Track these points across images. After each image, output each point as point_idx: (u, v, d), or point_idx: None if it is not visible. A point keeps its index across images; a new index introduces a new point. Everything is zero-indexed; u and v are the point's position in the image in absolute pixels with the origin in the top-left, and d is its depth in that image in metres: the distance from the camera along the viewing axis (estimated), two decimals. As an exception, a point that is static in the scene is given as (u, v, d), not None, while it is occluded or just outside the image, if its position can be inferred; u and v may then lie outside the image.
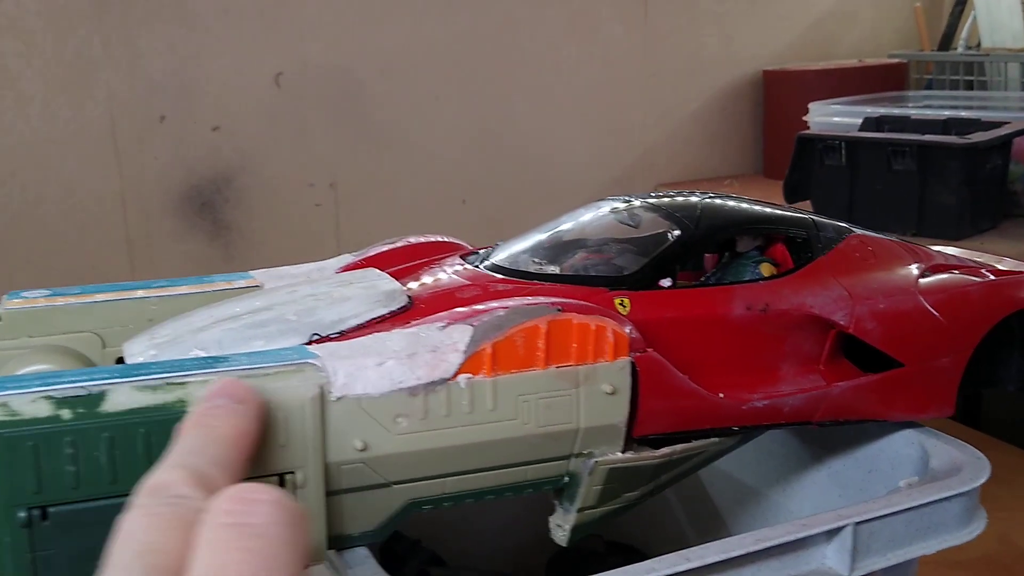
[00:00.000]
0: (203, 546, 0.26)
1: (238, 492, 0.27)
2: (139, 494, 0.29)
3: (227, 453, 0.32)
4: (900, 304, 0.50)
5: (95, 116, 1.24)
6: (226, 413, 0.33)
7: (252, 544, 0.26)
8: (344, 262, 0.54)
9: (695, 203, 0.51)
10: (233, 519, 0.27)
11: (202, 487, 0.29)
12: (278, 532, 0.26)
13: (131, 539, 0.27)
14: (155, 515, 0.28)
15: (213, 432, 0.32)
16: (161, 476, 0.29)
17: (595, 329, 0.42)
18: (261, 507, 0.27)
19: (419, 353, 0.40)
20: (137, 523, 0.27)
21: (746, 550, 0.41)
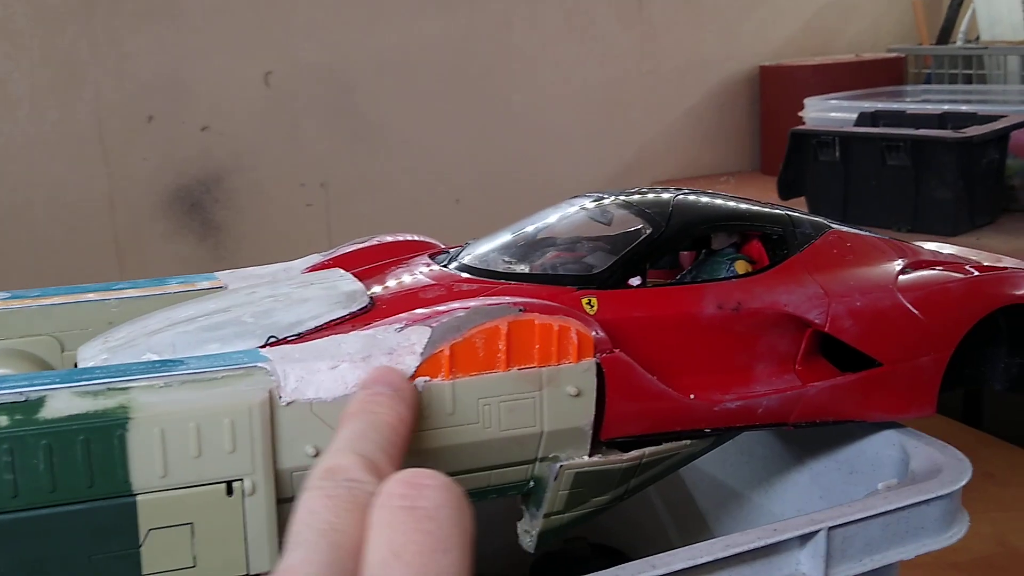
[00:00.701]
0: (379, 527, 0.28)
1: (409, 477, 0.29)
2: (315, 476, 0.31)
3: (390, 439, 0.34)
4: (878, 302, 0.48)
5: (83, 117, 1.23)
6: (387, 401, 0.35)
7: (425, 526, 0.28)
8: (312, 262, 0.53)
9: (667, 200, 0.49)
10: (406, 502, 0.28)
11: (372, 472, 0.31)
12: (448, 514, 0.28)
13: (314, 518, 0.29)
14: (334, 496, 0.29)
15: (376, 419, 0.34)
16: (336, 460, 0.31)
17: (558, 330, 0.41)
18: (431, 491, 0.29)
19: (374, 356, 0.39)
20: (318, 503, 0.29)
21: (715, 556, 0.40)
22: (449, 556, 0.28)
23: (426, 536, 0.28)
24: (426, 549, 0.27)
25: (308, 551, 0.28)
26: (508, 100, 1.49)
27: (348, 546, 0.28)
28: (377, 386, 0.36)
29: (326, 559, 0.28)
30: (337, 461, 0.31)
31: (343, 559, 0.28)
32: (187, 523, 0.36)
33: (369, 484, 0.30)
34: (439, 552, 0.27)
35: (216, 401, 0.35)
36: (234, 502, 0.36)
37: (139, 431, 0.34)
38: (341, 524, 0.29)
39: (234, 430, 0.35)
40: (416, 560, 0.27)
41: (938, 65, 1.62)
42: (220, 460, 0.35)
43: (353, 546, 0.28)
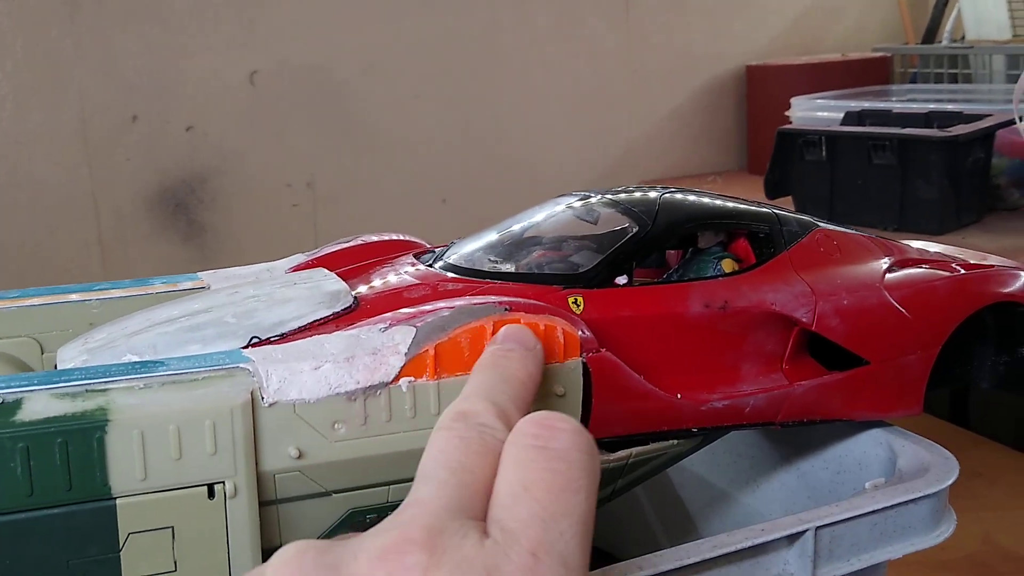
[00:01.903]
0: (510, 463, 0.29)
1: (542, 418, 0.30)
2: (447, 418, 0.32)
3: (519, 392, 0.34)
4: (864, 300, 0.48)
5: (67, 117, 1.22)
6: (518, 356, 0.36)
7: (556, 465, 0.29)
8: (296, 262, 0.53)
9: (654, 199, 0.49)
10: (539, 442, 0.29)
11: (502, 419, 0.31)
12: (578, 457, 0.29)
13: (444, 456, 0.30)
14: (465, 439, 0.30)
15: (506, 372, 0.35)
16: (469, 405, 0.32)
17: (544, 329, 0.40)
18: (563, 434, 0.29)
19: (358, 356, 0.38)
20: (449, 443, 0.30)
21: (702, 556, 0.40)
22: (577, 496, 0.28)
23: (556, 475, 0.28)
24: (555, 487, 0.28)
25: (438, 487, 0.28)
26: (495, 100, 1.49)
27: (476, 486, 0.29)
28: (509, 343, 0.37)
29: (455, 495, 0.28)
30: (470, 406, 0.32)
31: (471, 497, 0.28)
32: (168, 527, 0.35)
33: (499, 431, 0.31)
34: (568, 491, 0.28)
35: (196, 403, 0.35)
36: (216, 505, 0.35)
37: (118, 433, 0.34)
38: (471, 464, 0.29)
39: (215, 432, 0.35)
40: (545, 496, 0.28)
41: (924, 64, 1.63)
42: (201, 462, 0.35)
43: (482, 487, 0.29)
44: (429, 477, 0.29)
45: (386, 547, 0.26)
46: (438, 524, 0.27)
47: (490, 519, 0.28)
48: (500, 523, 0.28)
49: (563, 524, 0.28)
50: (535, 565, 0.26)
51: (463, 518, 0.28)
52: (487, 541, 0.27)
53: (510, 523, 0.27)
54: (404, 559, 0.26)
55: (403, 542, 0.26)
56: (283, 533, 0.38)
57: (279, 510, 0.38)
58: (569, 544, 0.27)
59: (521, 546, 0.27)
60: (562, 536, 0.27)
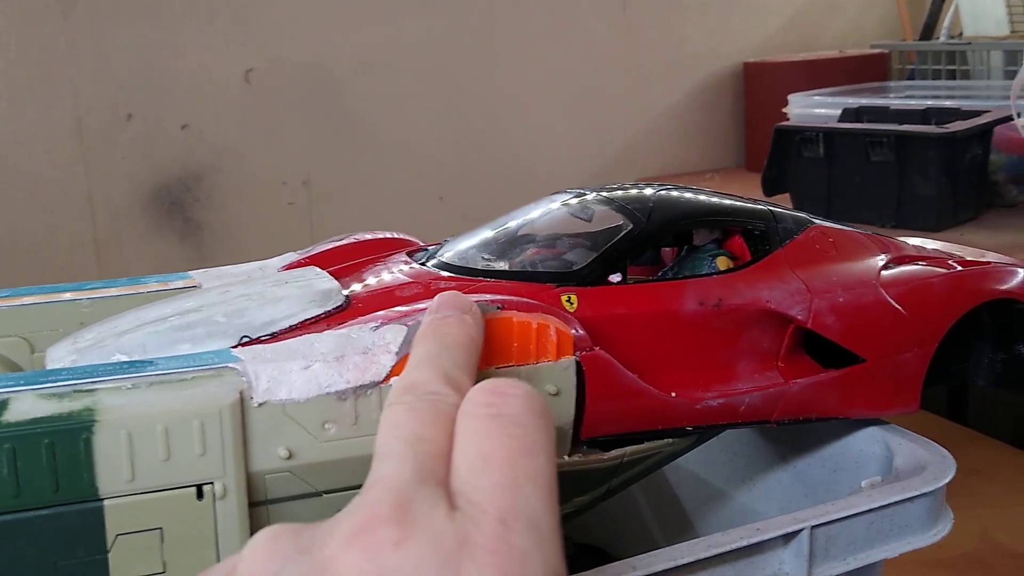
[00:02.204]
0: (466, 435, 0.29)
1: (493, 386, 0.30)
2: (395, 392, 0.32)
3: (463, 357, 0.34)
4: (860, 297, 0.48)
5: (61, 115, 1.21)
6: (455, 321, 0.36)
7: (512, 431, 0.29)
8: (288, 260, 0.52)
9: (648, 196, 0.49)
10: (492, 410, 0.29)
11: (451, 385, 0.32)
12: (533, 421, 0.29)
13: (398, 430, 0.30)
14: (417, 409, 0.30)
15: (447, 339, 0.35)
16: (413, 375, 0.32)
17: (537, 327, 0.40)
18: (515, 400, 0.30)
19: (348, 355, 0.38)
20: (401, 416, 0.30)
21: (697, 556, 0.40)
22: (536, 460, 0.28)
23: (513, 441, 0.29)
24: (513, 453, 0.28)
25: (398, 460, 0.28)
26: (492, 98, 1.49)
27: (436, 452, 0.29)
28: (444, 310, 0.37)
29: (415, 467, 0.28)
30: (416, 376, 0.32)
31: (432, 466, 0.28)
32: (156, 528, 0.35)
33: (449, 395, 0.31)
34: (526, 456, 0.28)
35: (185, 403, 0.34)
36: (204, 506, 0.35)
37: (105, 434, 0.33)
38: (427, 434, 0.29)
39: (203, 432, 0.35)
40: (504, 464, 0.28)
41: (922, 61, 1.62)
42: (189, 463, 0.35)
43: (440, 453, 0.29)
44: (387, 453, 0.29)
45: (357, 526, 0.26)
46: (405, 497, 0.27)
47: (454, 491, 0.28)
48: (464, 495, 0.28)
49: (527, 489, 0.28)
50: (505, 532, 0.27)
51: (428, 486, 0.28)
52: (456, 513, 0.27)
53: (474, 494, 0.28)
54: (376, 536, 0.26)
55: (373, 519, 0.26)
56: (274, 534, 0.38)
57: (269, 511, 0.37)
58: (536, 508, 0.28)
59: (489, 515, 0.27)
60: (527, 501, 0.28)
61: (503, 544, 0.26)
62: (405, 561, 0.25)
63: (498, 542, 0.26)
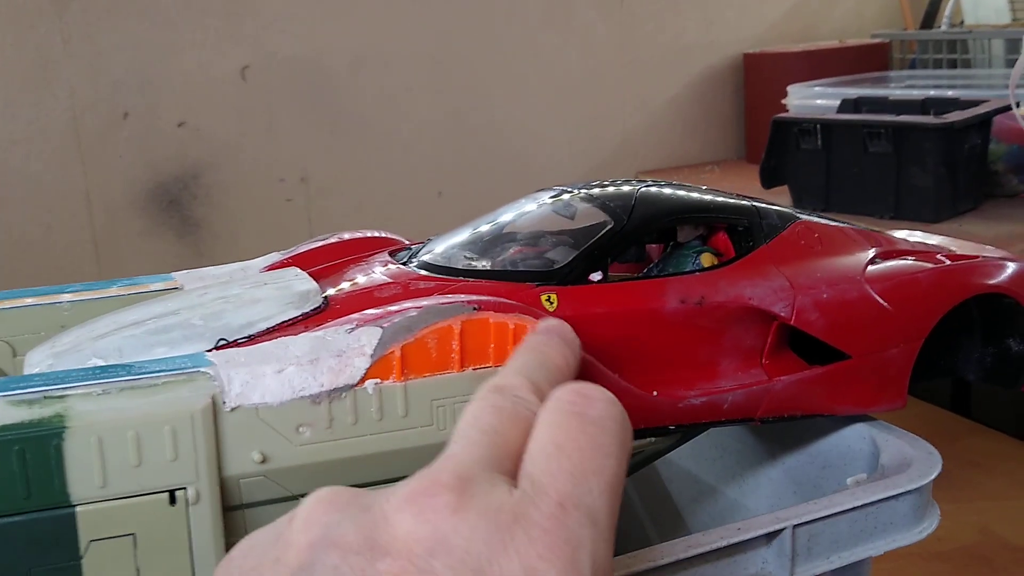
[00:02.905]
0: (545, 425, 0.30)
1: (579, 387, 0.31)
2: (483, 390, 0.32)
3: (556, 377, 0.35)
4: (845, 293, 0.47)
5: (58, 115, 1.21)
6: (556, 344, 0.37)
7: (590, 430, 0.29)
8: (271, 261, 0.52)
9: (630, 193, 0.48)
10: (575, 408, 0.30)
11: (537, 395, 0.32)
12: (612, 426, 0.30)
13: (478, 421, 0.30)
14: (499, 407, 0.31)
15: (544, 357, 0.36)
16: (506, 379, 0.33)
17: (514, 328, 0.40)
18: (599, 403, 0.30)
19: (323, 358, 0.37)
20: (484, 410, 0.31)
21: (676, 557, 0.39)
22: (607, 460, 0.29)
23: (589, 438, 0.29)
24: (586, 447, 0.29)
25: (469, 444, 0.29)
26: (489, 92, 1.48)
27: (508, 448, 0.29)
28: (551, 333, 0.38)
29: (486, 453, 0.29)
30: (506, 380, 0.33)
31: (501, 457, 0.29)
32: (129, 534, 0.35)
33: (533, 404, 0.31)
34: (599, 454, 0.29)
35: (155, 408, 0.34)
36: (177, 511, 0.35)
37: (76, 440, 0.33)
38: (503, 429, 0.30)
39: (175, 437, 0.34)
40: (575, 454, 0.29)
41: (922, 50, 1.61)
42: (161, 469, 0.34)
43: (513, 450, 0.29)
44: (461, 436, 0.30)
45: (418, 489, 0.27)
46: (468, 472, 0.28)
47: (521, 474, 0.29)
48: (530, 476, 0.28)
49: (592, 482, 0.28)
50: (562, 515, 0.27)
51: (492, 471, 0.28)
52: (516, 491, 0.28)
53: (540, 476, 0.28)
54: (434, 500, 0.27)
55: (434, 485, 0.27)
56: (250, 538, 0.38)
57: (244, 515, 0.37)
58: (597, 501, 0.28)
59: (550, 497, 0.27)
60: (591, 492, 0.28)
61: (558, 525, 0.27)
62: (459, 526, 0.26)
63: (554, 522, 0.27)
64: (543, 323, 0.39)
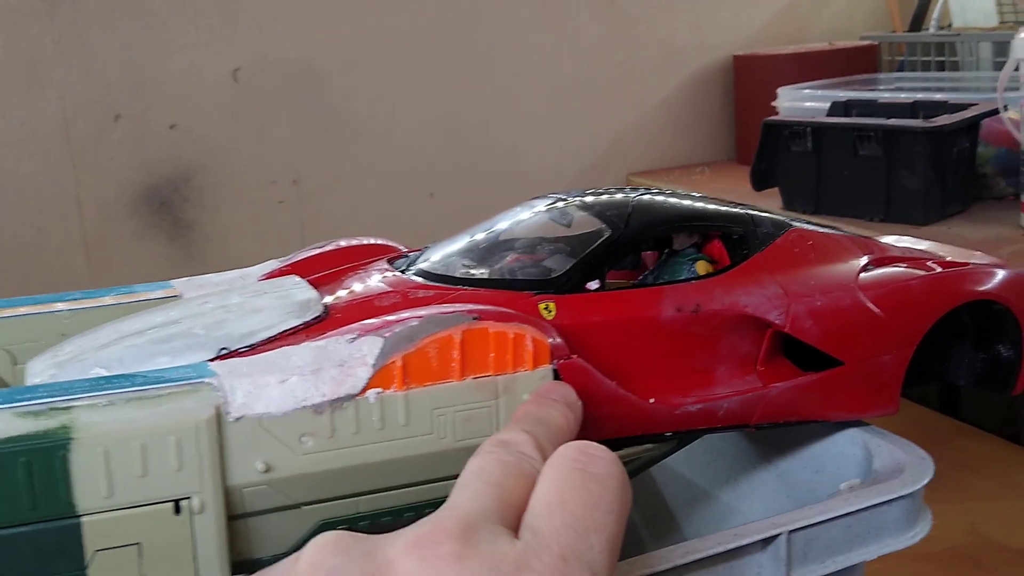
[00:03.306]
0: (549, 479, 0.31)
1: (583, 445, 0.32)
2: (488, 444, 0.33)
3: (556, 437, 0.36)
4: (838, 300, 0.48)
5: (49, 117, 1.21)
6: (559, 407, 0.38)
7: (593, 487, 0.30)
8: (269, 268, 0.52)
9: (627, 201, 0.49)
10: (579, 465, 0.31)
11: (540, 452, 0.33)
12: (613, 485, 0.31)
13: (483, 473, 0.31)
14: (503, 462, 0.32)
15: (547, 417, 0.37)
16: (512, 435, 0.34)
17: (513, 337, 0.40)
18: (602, 462, 0.31)
19: (325, 368, 0.38)
20: (488, 463, 0.32)
21: (673, 563, 0.40)
22: (609, 517, 0.30)
23: (591, 495, 0.30)
24: (589, 504, 0.30)
25: (474, 494, 0.30)
26: (481, 93, 1.48)
27: (511, 502, 0.30)
28: (552, 394, 0.39)
29: (489, 504, 0.29)
30: (511, 436, 0.34)
31: (505, 510, 0.30)
32: (134, 543, 0.35)
33: (536, 461, 0.32)
34: (600, 511, 0.30)
35: (161, 419, 0.35)
36: (182, 521, 0.35)
37: (82, 451, 0.34)
38: (508, 484, 0.31)
39: (180, 448, 0.35)
40: (579, 510, 0.29)
41: (911, 52, 1.62)
42: (166, 479, 0.35)
43: (516, 504, 0.30)
44: (466, 486, 0.31)
45: (422, 536, 0.28)
46: (472, 522, 0.28)
47: (523, 526, 0.29)
48: (533, 528, 0.29)
49: (593, 538, 0.29)
50: (564, 567, 0.28)
51: (496, 523, 0.29)
52: (518, 542, 0.28)
53: (543, 528, 0.29)
54: (438, 548, 0.27)
55: (438, 532, 0.28)
56: (252, 547, 0.38)
57: (248, 524, 0.38)
58: (598, 557, 0.29)
59: (552, 550, 0.28)
60: (591, 548, 0.29)
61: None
62: (463, 574, 0.27)
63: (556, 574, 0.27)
64: (547, 385, 0.40)
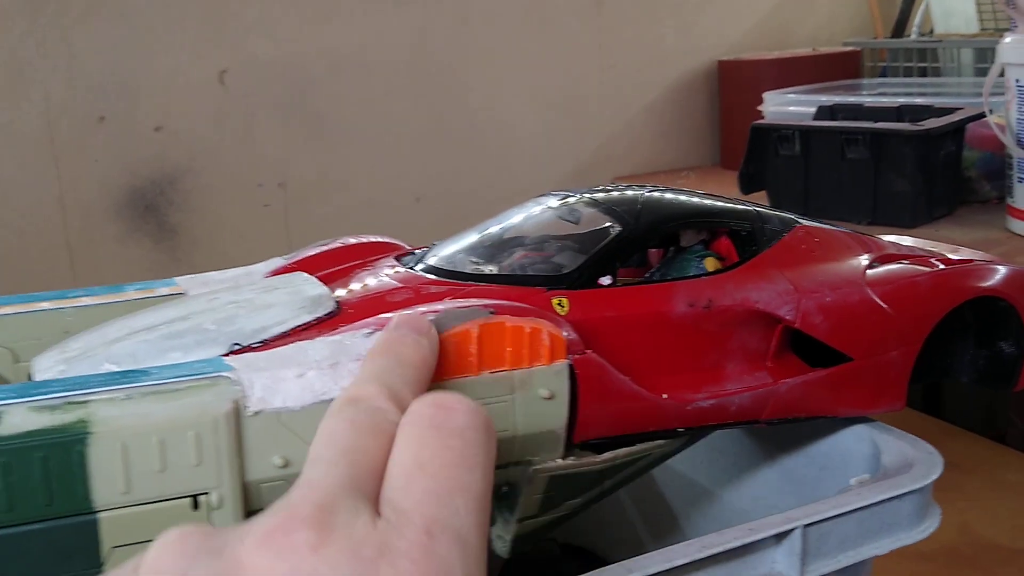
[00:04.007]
0: (405, 442, 0.29)
1: (437, 398, 0.30)
2: (337, 403, 0.31)
3: (413, 376, 0.34)
4: (847, 297, 0.48)
5: (32, 118, 1.20)
6: (411, 342, 0.36)
7: (452, 443, 0.29)
8: (274, 266, 0.52)
9: (635, 197, 0.49)
10: (435, 422, 0.29)
11: (395, 403, 0.31)
12: (474, 436, 0.29)
13: (334, 439, 0.29)
14: (356, 422, 0.30)
15: (400, 357, 0.35)
16: (360, 389, 0.32)
17: (530, 332, 0.40)
18: (459, 414, 0.29)
19: (342, 362, 0.37)
20: (340, 427, 0.30)
21: (691, 558, 0.40)
22: (473, 473, 0.28)
23: (452, 452, 0.28)
24: (450, 463, 0.28)
25: (327, 467, 0.28)
26: (466, 97, 1.48)
27: (369, 466, 0.28)
28: (402, 329, 0.37)
29: (346, 474, 0.28)
30: (361, 390, 0.32)
31: (363, 476, 0.28)
32: (152, 540, 0.34)
33: (392, 413, 0.30)
34: (463, 467, 0.28)
35: (179, 413, 0.34)
36: (200, 516, 0.35)
37: (100, 446, 0.33)
38: (363, 446, 0.29)
39: (199, 442, 0.34)
40: (440, 472, 0.28)
41: (893, 58, 1.64)
42: (185, 474, 0.34)
43: (374, 466, 0.28)
44: (319, 459, 0.29)
45: (273, 527, 0.25)
46: (328, 502, 0.26)
47: (383, 499, 0.27)
48: (393, 502, 0.27)
49: (458, 501, 0.27)
50: (430, 543, 0.26)
51: (355, 496, 0.27)
52: (379, 521, 0.26)
53: (403, 502, 0.27)
54: (292, 538, 0.25)
55: (290, 520, 0.25)
56: (269, 543, 0.38)
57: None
58: (464, 521, 0.27)
59: (415, 524, 0.26)
60: (457, 513, 0.27)
61: (425, 554, 0.26)
62: (320, 565, 0.25)
63: (420, 551, 0.26)
64: (395, 318, 0.38)
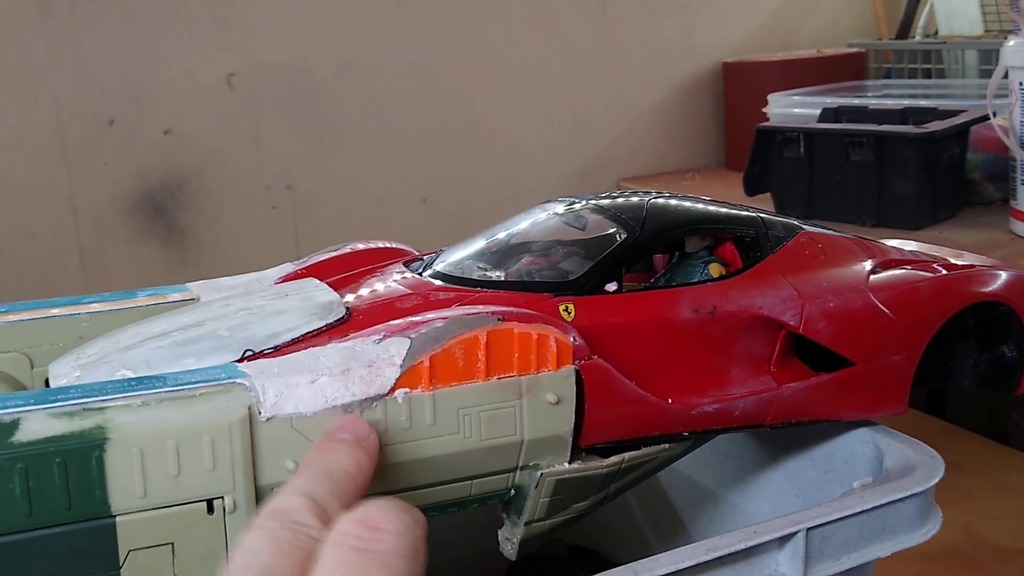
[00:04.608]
0: (328, 566, 0.27)
1: (365, 518, 0.29)
2: (261, 515, 0.30)
3: (345, 486, 0.33)
4: (850, 302, 0.49)
5: (42, 122, 1.21)
6: (348, 448, 0.35)
7: (374, 571, 0.27)
8: (285, 272, 0.53)
9: (641, 204, 0.49)
10: (360, 544, 0.28)
11: (321, 518, 0.30)
12: (399, 564, 0.28)
13: (254, 558, 0.28)
14: (278, 538, 0.29)
15: (334, 465, 0.34)
16: (285, 501, 0.31)
17: (537, 338, 0.41)
18: (386, 536, 0.28)
19: (354, 368, 0.38)
20: (259, 543, 0.29)
21: (697, 560, 0.40)
22: None
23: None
24: None
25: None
26: (471, 99, 1.49)
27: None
28: (341, 433, 0.36)
29: None
30: (287, 503, 0.31)
31: None
32: (168, 543, 0.35)
33: (315, 530, 0.29)
34: None
35: (195, 419, 0.35)
36: (215, 520, 0.36)
37: (117, 451, 0.34)
38: (280, 566, 0.28)
39: (214, 448, 0.35)
40: None
41: (898, 60, 1.64)
42: (200, 478, 0.35)
43: None
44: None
45: None
46: None
47: None
48: None
49: None
50: None
51: None
52: None
53: None
54: None
55: None
56: (281, 545, 0.38)
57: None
58: None
59: None
60: None
61: None
62: None
63: None
64: (337, 421, 0.37)
